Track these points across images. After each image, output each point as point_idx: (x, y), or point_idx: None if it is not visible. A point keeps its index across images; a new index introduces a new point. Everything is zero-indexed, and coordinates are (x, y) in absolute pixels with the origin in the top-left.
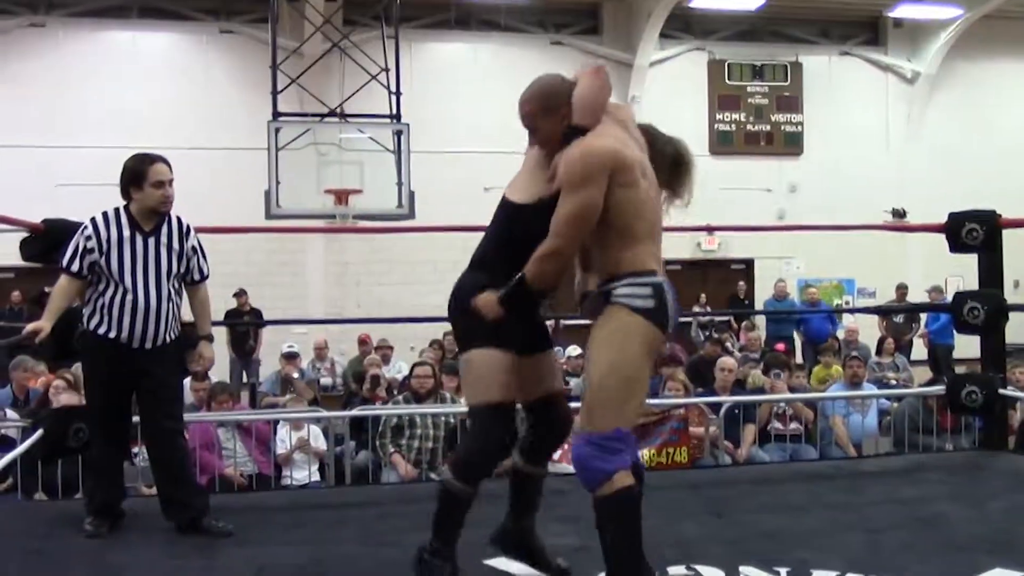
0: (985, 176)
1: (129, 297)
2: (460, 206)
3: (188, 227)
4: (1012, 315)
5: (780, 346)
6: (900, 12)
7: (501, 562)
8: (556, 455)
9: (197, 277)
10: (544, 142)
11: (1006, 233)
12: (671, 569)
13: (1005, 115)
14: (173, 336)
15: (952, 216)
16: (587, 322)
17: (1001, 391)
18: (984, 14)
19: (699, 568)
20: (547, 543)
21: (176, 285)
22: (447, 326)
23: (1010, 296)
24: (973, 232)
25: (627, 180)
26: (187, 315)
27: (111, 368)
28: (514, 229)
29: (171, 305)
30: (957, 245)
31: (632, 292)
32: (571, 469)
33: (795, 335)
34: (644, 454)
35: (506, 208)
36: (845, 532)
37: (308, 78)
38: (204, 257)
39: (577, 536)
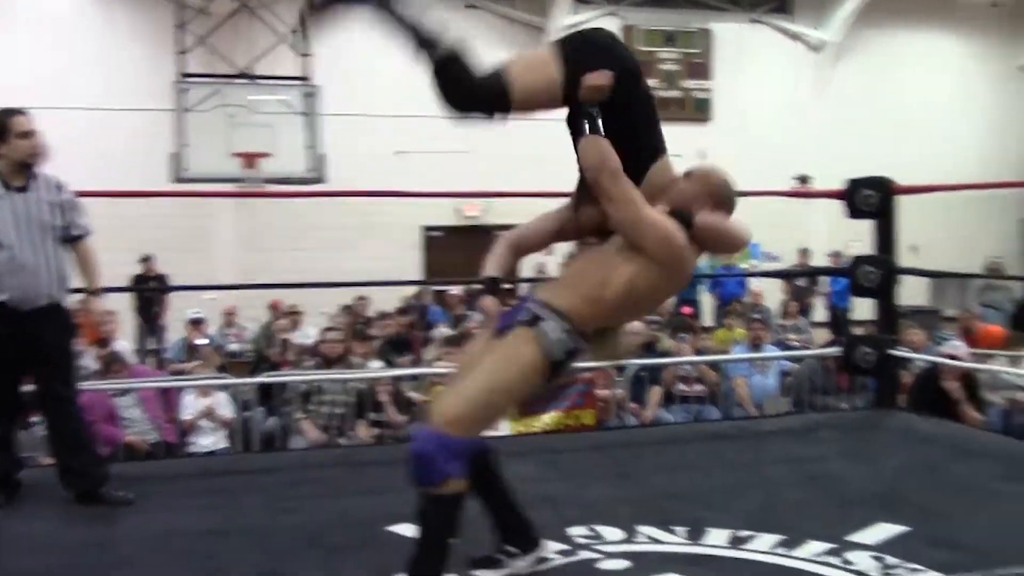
0: (889, 143)
1: (7, 255)
2: (372, 170)
3: (60, 183)
4: (910, 278)
5: (687, 309)
6: None
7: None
8: None
9: (78, 232)
10: (669, 191)
11: (908, 198)
12: (571, 529)
13: (910, 83)
14: (61, 297)
15: (849, 182)
16: None
17: (892, 352)
18: None
19: (599, 528)
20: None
21: (58, 240)
22: (358, 291)
23: (910, 260)
24: (869, 198)
25: (660, 282)
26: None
27: None
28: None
29: (54, 262)
30: (854, 211)
31: (556, 335)
32: None
33: (700, 298)
34: (552, 417)
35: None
36: (744, 490)
37: (216, 38)
38: (82, 213)
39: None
